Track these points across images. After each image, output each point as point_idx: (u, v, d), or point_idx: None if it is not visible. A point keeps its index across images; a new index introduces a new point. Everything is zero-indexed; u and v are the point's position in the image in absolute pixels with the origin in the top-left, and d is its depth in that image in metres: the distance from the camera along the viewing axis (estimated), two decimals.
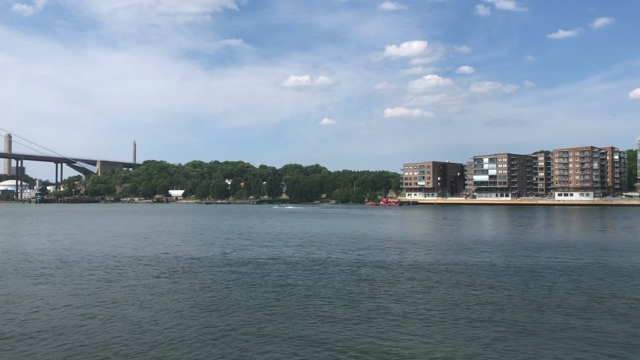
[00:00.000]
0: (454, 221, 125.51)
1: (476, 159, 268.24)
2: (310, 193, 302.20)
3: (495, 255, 57.98)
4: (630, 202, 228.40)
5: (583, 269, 48.21)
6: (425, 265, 50.91)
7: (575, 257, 56.62)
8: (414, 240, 76.51)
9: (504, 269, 48.27)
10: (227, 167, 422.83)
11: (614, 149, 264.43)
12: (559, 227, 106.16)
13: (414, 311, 31.76)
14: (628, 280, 42.56)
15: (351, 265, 50.66)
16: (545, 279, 42.66)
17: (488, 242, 73.38)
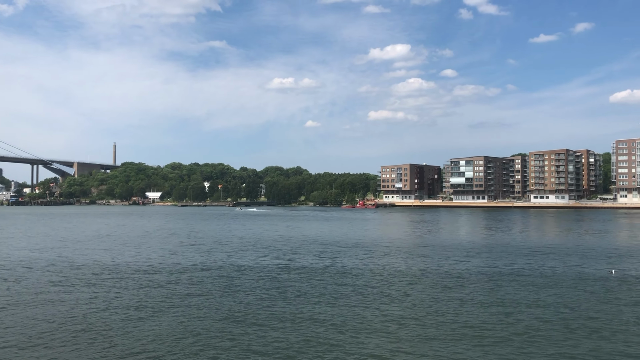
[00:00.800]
0: (418, 224, 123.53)
1: (453, 162, 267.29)
2: (288, 195, 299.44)
3: (454, 261, 55.75)
4: (604, 205, 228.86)
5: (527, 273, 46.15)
6: (361, 270, 48.42)
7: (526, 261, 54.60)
8: (359, 244, 74.09)
9: (465, 273, 46.01)
10: (206, 169, 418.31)
11: (590, 152, 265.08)
12: (526, 231, 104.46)
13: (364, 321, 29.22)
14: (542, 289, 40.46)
15: (268, 270, 48.06)
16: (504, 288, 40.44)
17: (445, 246, 71.22)
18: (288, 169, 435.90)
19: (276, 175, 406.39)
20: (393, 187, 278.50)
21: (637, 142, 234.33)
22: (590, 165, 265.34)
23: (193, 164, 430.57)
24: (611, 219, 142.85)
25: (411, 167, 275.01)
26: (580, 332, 28.50)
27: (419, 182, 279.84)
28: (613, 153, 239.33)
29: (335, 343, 26.03)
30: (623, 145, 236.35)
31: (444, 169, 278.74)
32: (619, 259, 57.70)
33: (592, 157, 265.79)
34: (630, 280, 43.68)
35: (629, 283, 42.52)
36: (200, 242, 77.36)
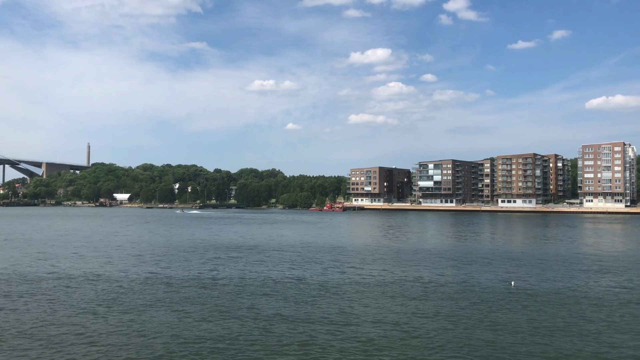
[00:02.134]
0: (366, 227, 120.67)
1: (421, 165, 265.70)
2: (257, 198, 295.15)
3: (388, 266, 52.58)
4: (570, 209, 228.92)
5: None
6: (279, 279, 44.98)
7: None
8: (261, 248, 70.72)
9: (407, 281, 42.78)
10: (179, 170, 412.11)
11: (558, 157, 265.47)
12: (470, 237, 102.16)
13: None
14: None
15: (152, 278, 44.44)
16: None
17: (368, 250, 68.20)
18: (263, 171, 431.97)
19: (250, 177, 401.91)
20: (362, 190, 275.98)
21: (603, 147, 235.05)
22: (559, 169, 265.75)
23: (165, 165, 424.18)
24: (571, 224, 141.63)
25: (380, 170, 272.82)
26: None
27: (388, 185, 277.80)
28: (579, 158, 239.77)
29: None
30: (589, 150, 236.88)
31: (413, 173, 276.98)
32: (539, 268, 55.18)
33: (560, 161, 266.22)
34: (523, 293, 40.74)
35: (518, 295, 39.71)
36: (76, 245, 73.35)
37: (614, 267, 56.12)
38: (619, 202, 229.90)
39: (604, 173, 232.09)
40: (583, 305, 36.98)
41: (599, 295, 40.27)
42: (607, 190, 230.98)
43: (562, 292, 41.51)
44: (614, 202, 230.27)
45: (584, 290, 42.12)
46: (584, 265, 57.15)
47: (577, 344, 27.92)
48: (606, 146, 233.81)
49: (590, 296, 39.97)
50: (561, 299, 38.85)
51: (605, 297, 39.90)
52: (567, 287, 43.57)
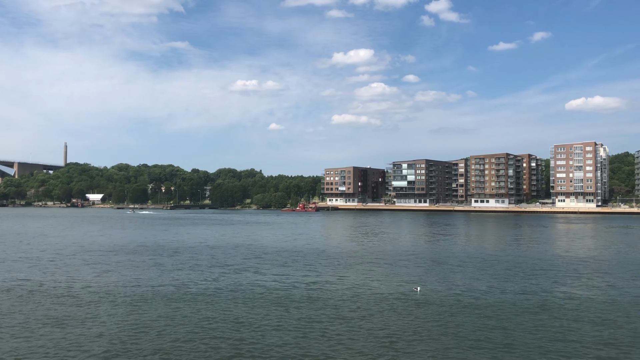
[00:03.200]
0: (325, 229, 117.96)
1: (395, 165, 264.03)
2: (231, 198, 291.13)
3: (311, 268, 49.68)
4: (542, 209, 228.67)
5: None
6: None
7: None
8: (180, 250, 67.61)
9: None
10: (155, 170, 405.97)
11: (532, 156, 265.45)
12: (418, 238, 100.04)
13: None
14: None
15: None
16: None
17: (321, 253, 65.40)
18: (241, 171, 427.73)
19: (228, 177, 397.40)
20: (337, 190, 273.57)
21: (575, 147, 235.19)
22: (532, 169, 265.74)
23: (141, 165, 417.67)
24: (539, 224, 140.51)
25: (355, 170, 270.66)
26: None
27: (362, 185, 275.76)
28: (552, 158, 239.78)
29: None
30: (561, 150, 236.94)
31: (388, 173, 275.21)
32: (472, 272, 52.82)
33: (534, 161, 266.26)
34: (424, 299, 38.10)
35: (419, 302, 37.07)
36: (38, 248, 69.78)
37: (551, 270, 53.96)
38: (590, 201, 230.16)
39: (576, 173, 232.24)
40: (484, 311, 34.49)
41: (502, 302, 37.83)
42: (579, 190, 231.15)
43: (467, 298, 39.02)
44: (585, 201, 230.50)
45: (499, 297, 39.69)
46: (521, 269, 54.91)
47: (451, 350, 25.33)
48: (578, 146, 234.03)
49: (499, 303, 37.52)
50: (462, 306, 36.32)
51: (516, 304, 37.46)
52: (480, 293, 41.12)
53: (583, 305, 36.69)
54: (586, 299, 38.75)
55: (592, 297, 39.44)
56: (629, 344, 27.96)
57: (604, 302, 37.73)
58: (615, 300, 38.34)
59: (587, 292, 41.43)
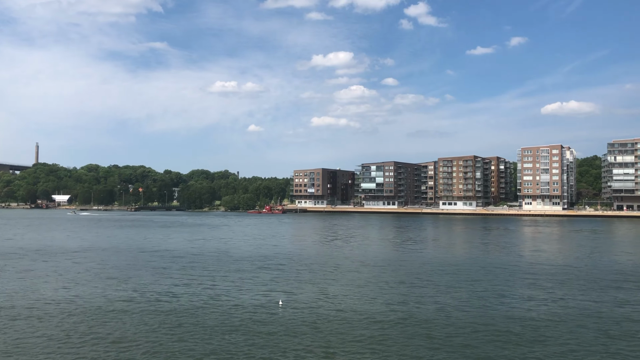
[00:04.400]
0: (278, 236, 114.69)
1: (364, 167, 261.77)
2: (199, 200, 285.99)
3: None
4: (509, 212, 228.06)
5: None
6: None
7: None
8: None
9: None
10: (126, 171, 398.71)
11: (500, 159, 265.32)
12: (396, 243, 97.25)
13: None
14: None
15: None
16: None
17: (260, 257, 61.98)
18: (215, 172, 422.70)
19: (201, 178, 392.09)
20: (306, 191, 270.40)
21: (542, 150, 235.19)
22: (501, 172, 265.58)
23: (112, 166, 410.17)
24: (501, 226, 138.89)
25: (324, 172, 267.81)
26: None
27: (331, 187, 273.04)
28: (519, 161, 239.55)
29: None
30: (528, 153, 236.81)
31: (357, 174, 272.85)
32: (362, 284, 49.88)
33: (502, 164, 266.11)
34: (283, 314, 34.87)
35: (270, 317, 33.90)
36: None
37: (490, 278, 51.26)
38: (556, 204, 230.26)
39: (542, 176, 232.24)
40: (330, 323, 31.45)
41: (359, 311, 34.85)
42: (546, 193, 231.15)
43: (326, 309, 35.97)
44: (552, 204, 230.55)
45: (363, 307, 36.71)
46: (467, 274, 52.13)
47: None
48: (544, 149, 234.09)
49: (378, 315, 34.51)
50: (321, 319, 33.26)
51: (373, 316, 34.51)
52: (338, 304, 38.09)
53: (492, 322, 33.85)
54: (504, 315, 35.95)
55: (529, 311, 36.67)
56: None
57: (541, 318, 34.63)
58: (558, 316, 35.56)
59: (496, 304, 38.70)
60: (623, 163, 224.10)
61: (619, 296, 41.48)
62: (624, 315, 34.96)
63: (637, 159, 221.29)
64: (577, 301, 39.25)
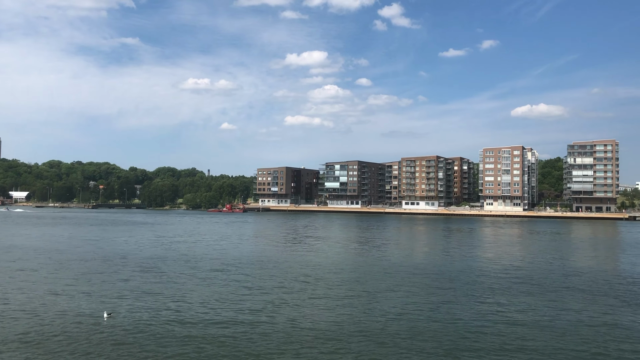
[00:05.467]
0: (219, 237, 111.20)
1: (328, 166, 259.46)
2: (160, 198, 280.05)
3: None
4: (470, 212, 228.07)
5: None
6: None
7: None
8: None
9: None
10: (89, 168, 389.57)
11: (464, 159, 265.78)
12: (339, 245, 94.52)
13: None
14: None
15: None
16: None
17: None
18: (181, 170, 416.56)
19: (167, 176, 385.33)
20: (269, 190, 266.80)
21: (503, 151, 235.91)
22: (464, 172, 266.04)
23: (75, 163, 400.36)
24: (458, 227, 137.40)
25: (287, 171, 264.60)
26: None
27: (295, 185, 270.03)
28: (480, 161, 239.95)
29: None
30: (490, 153, 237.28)
31: (321, 173, 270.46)
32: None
33: (465, 164, 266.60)
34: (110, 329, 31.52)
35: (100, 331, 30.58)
36: None
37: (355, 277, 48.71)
38: (517, 205, 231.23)
39: (504, 177, 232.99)
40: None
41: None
42: (507, 193, 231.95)
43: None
44: (512, 205, 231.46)
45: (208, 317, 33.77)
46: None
47: None
48: (506, 150, 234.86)
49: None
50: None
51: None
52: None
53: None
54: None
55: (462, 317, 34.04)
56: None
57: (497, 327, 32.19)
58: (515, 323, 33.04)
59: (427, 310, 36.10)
60: (582, 165, 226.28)
61: (568, 300, 39.67)
62: (576, 321, 33.26)
63: (596, 161, 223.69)
64: (529, 305, 37.45)
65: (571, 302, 39.54)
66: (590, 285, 47.05)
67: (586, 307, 37.61)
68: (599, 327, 32.11)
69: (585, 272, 54.50)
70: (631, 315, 35.56)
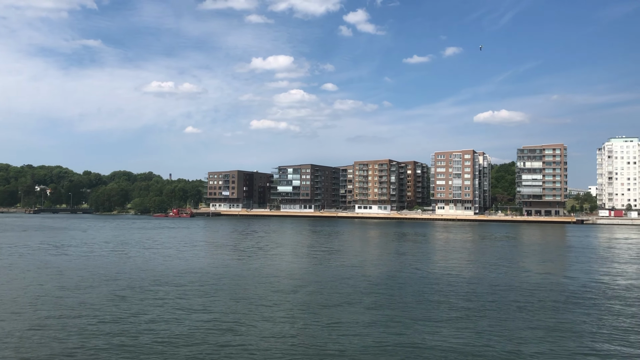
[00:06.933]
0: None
1: (281, 169, 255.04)
2: (108, 202, 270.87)
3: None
4: (422, 216, 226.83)
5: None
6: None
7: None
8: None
9: None
10: (40, 172, 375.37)
11: (417, 163, 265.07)
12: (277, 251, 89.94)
13: None
14: None
15: None
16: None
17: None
18: (137, 174, 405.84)
19: (122, 180, 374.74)
20: (220, 194, 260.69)
21: (454, 155, 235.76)
22: (417, 176, 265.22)
23: (25, 166, 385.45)
24: (414, 231, 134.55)
25: (239, 174, 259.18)
26: None
27: (248, 189, 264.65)
28: (432, 165, 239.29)
29: None
30: (441, 157, 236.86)
31: (275, 177, 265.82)
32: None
33: (419, 168, 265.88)
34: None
35: None
36: None
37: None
38: (468, 209, 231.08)
39: (455, 180, 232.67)
40: None
41: None
42: (458, 197, 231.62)
43: None
44: (463, 209, 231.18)
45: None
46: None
47: None
48: (457, 154, 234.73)
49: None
50: None
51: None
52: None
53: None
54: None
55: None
56: None
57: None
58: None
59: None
60: (532, 169, 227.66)
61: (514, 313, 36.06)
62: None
63: (545, 165, 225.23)
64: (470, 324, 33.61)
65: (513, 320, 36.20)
66: (526, 297, 43.93)
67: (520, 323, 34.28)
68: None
69: (521, 283, 51.55)
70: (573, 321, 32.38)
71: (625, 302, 41.29)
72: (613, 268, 62.33)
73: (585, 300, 41.58)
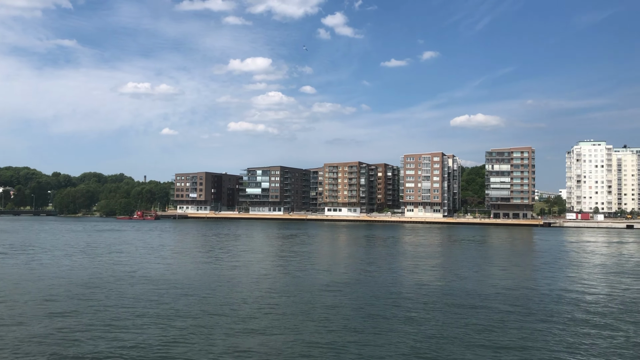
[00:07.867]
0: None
1: (250, 171, 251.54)
2: (73, 204, 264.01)
3: None
4: (391, 219, 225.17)
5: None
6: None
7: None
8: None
9: None
10: (6, 173, 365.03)
11: (388, 166, 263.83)
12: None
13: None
14: None
15: None
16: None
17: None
18: (108, 175, 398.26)
19: (92, 182, 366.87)
20: (188, 196, 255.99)
21: (423, 158, 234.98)
22: (388, 178, 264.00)
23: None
24: (381, 235, 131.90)
25: (207, 176, 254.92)
26: None
27: (216, 192, 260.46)
28: (402, 168, 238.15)
29: None
30: (411, 160, 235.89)
31: (244, 179, 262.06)
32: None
33: (390, 170, 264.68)
34: None
35: None
36: None
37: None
38: (437, 211, 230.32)
39: (424, 183, 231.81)
40: None
41: None
42: (427, 200, 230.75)
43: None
44: (432, 211, 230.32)
45: None
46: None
47: None
48: (426, 156, 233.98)
49: None
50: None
51: None
52: None
53: None
54: None
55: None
56: None
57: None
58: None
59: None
60: (500, 172, 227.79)
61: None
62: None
63: (513, 168, 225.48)
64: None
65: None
66: (482, 300, 41.49)
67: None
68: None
69: (485, 288, 49.16)
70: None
71: (579, 307, 39.22)
72: (572, 272, 60.79)
73: (537, 307, 39.43)
